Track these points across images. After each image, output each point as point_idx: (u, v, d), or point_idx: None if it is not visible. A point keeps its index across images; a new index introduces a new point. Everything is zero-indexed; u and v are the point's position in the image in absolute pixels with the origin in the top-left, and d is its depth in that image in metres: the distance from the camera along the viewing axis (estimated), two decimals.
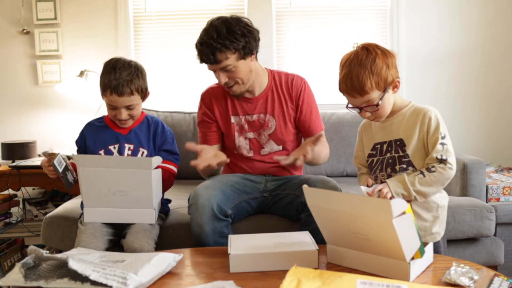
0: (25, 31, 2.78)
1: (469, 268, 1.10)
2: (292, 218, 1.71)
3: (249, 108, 1.78)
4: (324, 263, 1.25)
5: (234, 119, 1.78)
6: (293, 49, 2.86)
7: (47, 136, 2.82)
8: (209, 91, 1.84)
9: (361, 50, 1.31)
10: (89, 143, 1.67)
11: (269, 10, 2.81)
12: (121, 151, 1.64)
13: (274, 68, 2.79)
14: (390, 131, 1.40)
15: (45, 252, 1.11)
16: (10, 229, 2.49)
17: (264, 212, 1.80)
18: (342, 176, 2.54)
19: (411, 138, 1.35)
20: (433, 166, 1.30)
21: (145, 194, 1.48)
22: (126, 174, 1.45)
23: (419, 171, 1.31)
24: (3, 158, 2.52)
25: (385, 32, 2.84)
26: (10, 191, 2.49)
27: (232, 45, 1.60)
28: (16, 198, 2.60)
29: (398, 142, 1.37)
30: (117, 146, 1.65)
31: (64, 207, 1.90)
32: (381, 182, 1.38)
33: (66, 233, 1.77)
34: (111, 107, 1.60)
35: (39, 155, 2.61)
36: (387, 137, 1.40)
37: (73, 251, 1.32)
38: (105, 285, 1.02)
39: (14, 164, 2.39)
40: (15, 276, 1.08)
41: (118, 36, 2.82)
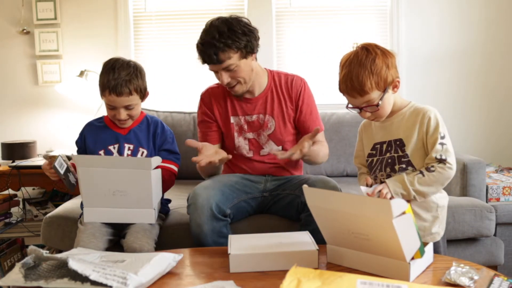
0: (25, 31, 2.78)
1: (469, 268, 1.10)
2: (292, 218, 1.71)
3: (248, 108, 1.77)
4: (324, 263, 1.25)
5: (233, 119, 1.78)
6: (293, 49, 2.86)
7: (47, 136, 2.82)
8: (208, 91, 1.84)
9: (361, 50, 1.31)
10: (89, 143, 1.67)
11: (269, 10, 2.81)
12: (120, 151, 1.64)
13: (274, 68, 2.79)
14: (390, 131, 1.40)
15: (45, 252, 1.11)
16: (10, 229, 2.49)
17: (264, 212, 1.80)
18: (342, 176, 2.54)
19: (410, 138, 1.35)
20: (432, 166, 1.30)
21: (145, 194, 1.48)
22: (126, 174, 1.45)
23: (419, 171, 1.31)
24: (3, 158, 2.52)
25: (385, 32, 2.84)
26: (10, 191, 2.49)
27: (235, 44, 1.59)
28: (16, 198, 2.60)
29: (398, 142, 1.37)
30: (116, 146, 1.65)
31: (64, 207, 1.90)
32: (381, 182, 1.38)
33: (66, 233, 1.77)
34: (110, 107, 1.60)
35: (39, 155, 2.61)
36: (386, 137, 1.40)
37: (73, 251, 1.32)
38: (105, 285, 1.01)
39: (14, 164, 2.39)
40: (15, 276, 1.08)
41: (118, 36, 2.82)
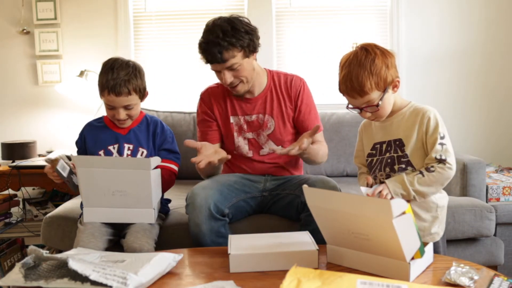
0: (25, 31, 2.78)
1: (469, 268, 1.10)
2: (292, 218, 1.71)
3: (248, 108, 1.77)
4: (324, 263, 1.25)
5: (233, 119, 1.78)
6: (293, 49, 2.86)
7: (47, 136, 2.82)
8: (208, 90, 1.84)
9: (360, 51, 1.31)
10: (89, 143, 1.67)
11: (269, 10, 2.81)
12: (120, 151, 1.64)
13: (274, 68, 2.79)
14: (390, 131, 1.40)
15: (45, 252, 1.11)
16: (10, 229, 2.49)
17: (263, 212, 1.80)
18: (342, 176, 2.54)
19: (410, 138, 1.35)
20: (432, 166, 1.30)
21: (145, 194, 1.48)
22: (125, 174, 1.45)
23: (418, 171, 1.31)
24: (3, 158, 2.52)
25: (385, 32, 2.84)
26: (10, 191, 2.49)
27: (238, 42, 1.59)
28: (16, 198, 2.60)
29: (397, 142, 1.37)
30: (116, 146, 1.65)
31: (64, 207, 1.90)
32: (380, 182, 1.38)
33: (66, 233, 1.77)
34: (109, 107, 1.60)
35: (40, 155, 2.61)
36: (386, 137, 1.40)
37: (73, 251, 1.32)
38: (105, 285, 1.01)
39: (14, 164, 2.39)
40: (15, 276, 1.08)
41: (118, 36, 2.82)
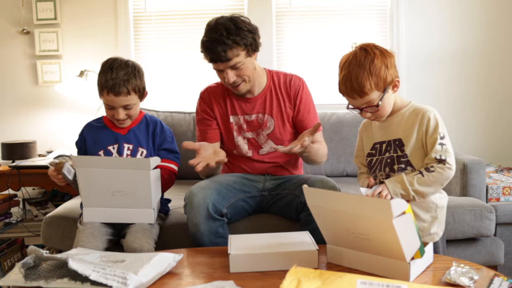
0: (25, 31, 2.78)
1: (469, 268, 1.10)
2: (292, 218, 1.71)
3: (247, 108, 1.77)
4: (324, 263, 1.25)
5: (233, 119, 1.78)
6: (293, 49, 2.86)
7: (47, 136, 2.82)
8: (208, 90, 1.84)
9: (360, 51, 1.31)
10: (88, 144, 1.67)
11: (269, 10, 2.81)
12: (120, 151, 1.64)
13: (274, 68, 2.79)
14: (390, 131, 1.40)
15: (45, 252, 1.11)
16: (10, 229, 2.48)
17: (263, 211, 1.80)
18: (342, 176, 2.54)
19: (409, 138, 1.35)
20: (432, 166, 1.30)
21: (144, 194, 1.48)
22: (125, 174, 1.45)
23: (418, 171, 1.31)
24: (3, 158, 2.52)
25: (385, 32, 2.84)
26: (10, 191, 2.48)
27: (242, 41, 1.59)
28: (16, 198, 2.60)
29: (397, 142, 1.37)
30: (116, 146, 1.65)
31: (64, 207, 1.90)
32: (380, 182, 1.38)
33: (66, 233, 1.77)
34: (109, 107, 1.60)
35: (39, 155, 2.61)
36: (386, 136, 1.40)
37: (73, 251, 1.32)
38: (105, 285, 1.01)
39: (14, 164, 2.39)
40: (15, 276, 1.08)
41: (118, 36, 2.82)
